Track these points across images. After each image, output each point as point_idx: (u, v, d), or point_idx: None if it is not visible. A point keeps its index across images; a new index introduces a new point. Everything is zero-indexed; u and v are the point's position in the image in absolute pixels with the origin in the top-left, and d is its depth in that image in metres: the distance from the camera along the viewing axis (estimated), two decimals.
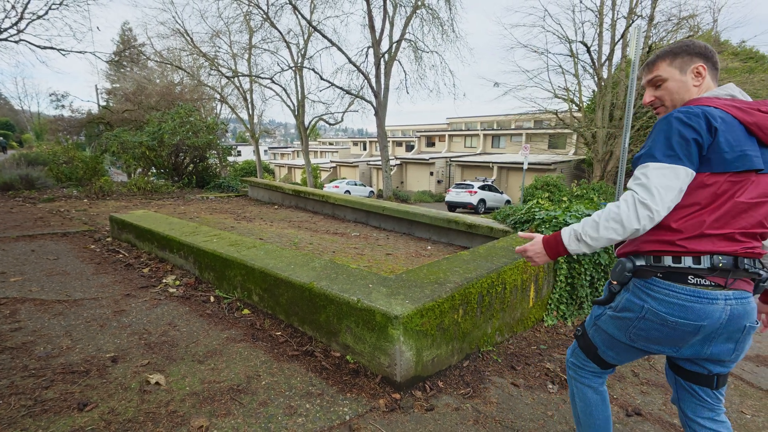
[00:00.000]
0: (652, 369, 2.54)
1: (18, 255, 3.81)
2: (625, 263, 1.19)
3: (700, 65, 1.20)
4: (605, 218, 1.09)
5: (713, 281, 1.09)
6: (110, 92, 22.37)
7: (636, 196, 1.06)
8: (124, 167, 12.55)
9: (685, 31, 14.86)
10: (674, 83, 1.22)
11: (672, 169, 1.06)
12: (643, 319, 1.15)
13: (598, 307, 1.30)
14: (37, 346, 2.15)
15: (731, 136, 1.06)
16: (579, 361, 1.39)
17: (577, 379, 1.40)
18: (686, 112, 1.09)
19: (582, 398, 1.39)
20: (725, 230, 1.08)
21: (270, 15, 19.86)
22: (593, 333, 1.31)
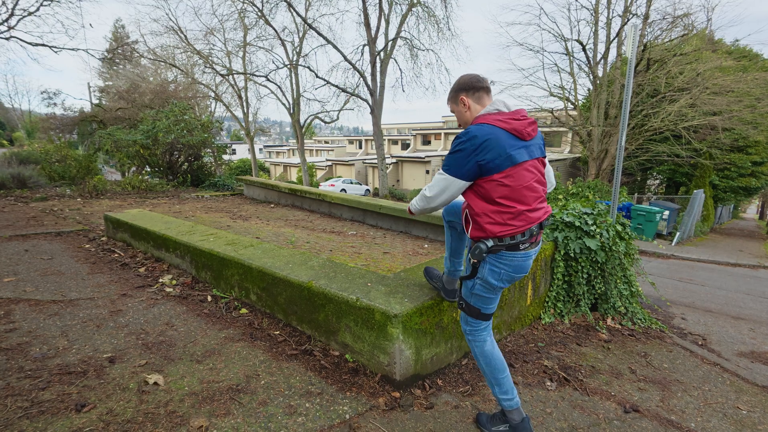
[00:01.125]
0: (649, 366, 2.56)
1: (11, 255, 3.76)
2: (481, 246, 1.61)
3: (461, 97, 1.70)
4: (412, 205, 1.80)
5: (530, 242, 1.63)
6: (103, 90, 22.14)
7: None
8: (118, 166, 12.43)
9: (680, 30, 14.94)
10: (456, 113, 1.76)
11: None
12: (504, 280, 1.66)
13: (470, 281, 1.72)
14: (33, 347, 2.13)
15: (493, 145, 1.52)
16: (472, 326, 1.79)
17: (476, 339, 1.78)
18: (459, 137, 1.57)
19: (482, 353, 1.76)
20: (517, 204, 1.60)
21: (265, 12, 19.74)
22: (474, 301, 1.74)
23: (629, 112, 14.07)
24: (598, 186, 14.91)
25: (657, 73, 14.90)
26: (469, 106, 1.69)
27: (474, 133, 1.52)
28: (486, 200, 1.58)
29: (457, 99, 1.72)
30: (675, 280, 6.65)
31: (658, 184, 23.29)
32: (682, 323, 3.68)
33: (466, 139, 1.52)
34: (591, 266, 3.14)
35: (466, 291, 1.74)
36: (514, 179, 1.54)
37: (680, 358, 2.74)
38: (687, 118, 14.88)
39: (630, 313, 3.25)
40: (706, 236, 15.17)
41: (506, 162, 1.51)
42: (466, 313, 1.77)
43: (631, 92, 5.76)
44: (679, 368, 2.58)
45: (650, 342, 2.96)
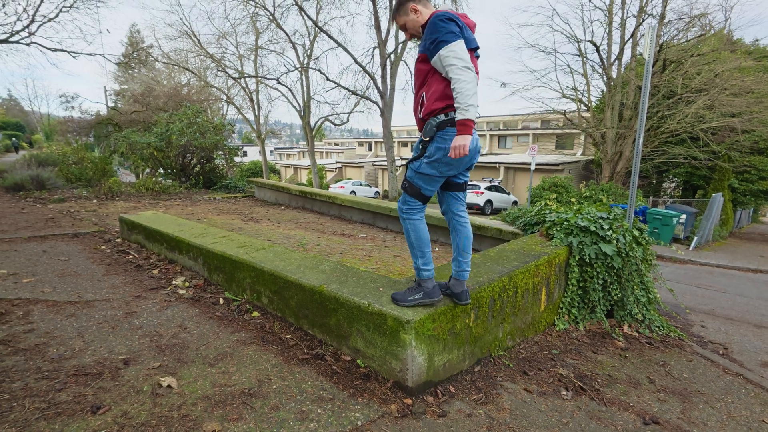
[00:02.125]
0: (669, 375, 2.49)
1: (30, 256, 3.85)
2: (432, 122, 1.89)
3: (412, 6, 1.95)
4: (463, 88, 1.75)
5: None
6: (119, 93, 22.60)
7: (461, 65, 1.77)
8: (133, 168, 12.66)
9: (697, 30, 14.65)
10: (409, 21, 1.98)
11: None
12: (448, 159, 1.89)
13: (417, 161, 1.97)
14: (50, 348, 2.16)
15: (466, 28, 1.88)
16: (409, 205, 2.04)
17: (410, 218, 2.05)
18: (442, 14, 1.82)
19: (415, 229, 2.06)
20: None
21: (276, 16, 19.94)
22: (417, 180, 1.98)
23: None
24: (612, 189, 14.67)
25: (673, 74, 14.62)
26: (420, 11, 1.93)
27: (446, 15, 1.79)
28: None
29: (407, 9, 1.94)
30: (693, 287, 6.49)
31: (674, 188, 22.81)
32: (701, 331, 3.58)
33: (447, 20, 1.78)
34: (607, 272, 3.07)
35: (411, 172, 1.99)
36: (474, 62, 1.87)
37: (701, 368, 2.66)
38: (705, 120, 14.55)
39: (647, 321, 3.17)
40: (725, 241, 14.78)
41: (472, 43, 1.86)
42: (408, 194, 2.02)
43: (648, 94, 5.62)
44: (700, 378, 2.51)
45: (669, 351, 2.88)
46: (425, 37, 1.85)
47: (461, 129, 1.76)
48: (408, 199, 2.03)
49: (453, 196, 2.12)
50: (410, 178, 2.00)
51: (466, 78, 1.72)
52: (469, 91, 1.72)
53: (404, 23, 1.97)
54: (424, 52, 1.87)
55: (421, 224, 2.06)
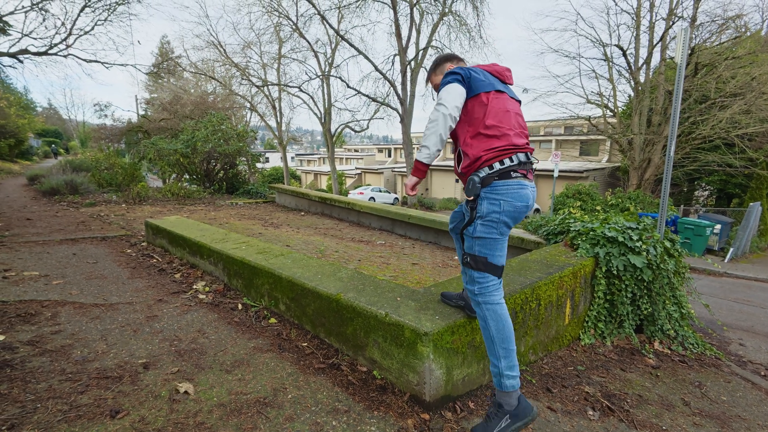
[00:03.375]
0: (705, 398, 2.33)
1: (61, 258, 3.99)
2: (474, 179, 1.65)
3: (447, 66, 1.93)
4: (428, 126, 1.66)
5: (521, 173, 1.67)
6: (149, 102, 23.52)
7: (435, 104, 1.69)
8: (160, 173, 13.09)
9: (731, 32, 14.03)
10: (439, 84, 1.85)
11: None
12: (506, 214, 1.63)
13: (470, 227, 1.68)
14: (75, 350, 2.21)
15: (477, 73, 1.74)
16: (481, 284, 1.66)
17: (486, 301, 1.65)
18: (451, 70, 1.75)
19: (495, 316, 1.64)
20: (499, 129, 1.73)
21: (299, 26, 20.36)
22: (478, 247, 1.66)
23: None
24: (640, 197, 14.15)
25: (706, 78, 14.03)
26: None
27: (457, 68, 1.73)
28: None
29: (443, 69, 1.91)
30: (730, 301, 6.13)
31: (707, 196, 21.82)
32: (740, 350, 3.36)
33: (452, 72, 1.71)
34: (636, 285, 2.92)
35: (469, 241, 1.68)
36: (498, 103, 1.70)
37: (740, 390, 2.48)
38: (741, 126, 13.87)
39: (680, 337, 2.99)
40: (763, 253, 13.97)
41: (489, 86, 1.71)
42: (473, 268, 1.67)
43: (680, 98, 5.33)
44: (740, 402, 2.34)
45: (705, 370, 2.70)
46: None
47: (414, 170, 1.70)
48: (477, 277, 1.65)
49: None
50: (470, 249, 1.68)
51: (434, 116, 1.62)
52: (428, 131, 1.63)
53: (438, 83, 1.86)
54: None
55: (501, 309, 1.64)
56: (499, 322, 1.62)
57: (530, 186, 1.68)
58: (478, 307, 1.67)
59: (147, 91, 28.39)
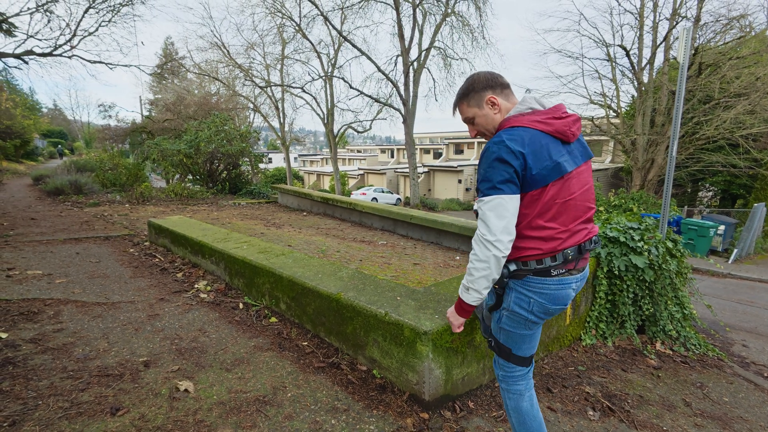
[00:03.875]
0: (706, 398, 2.32)
1: (64, 257, 4.02)
2: (504, 271, 1.35)
3: (489, 97, 1.38)
4: (473, 264, 1.29)
5: (567, 269, 1.34)
6: (153, 103, 23.65)
7: (479, 235, 1.28)
8: (163, 174, 13.16)
9: (736, 32, 13.96)
10: (480, 118, 1.41)
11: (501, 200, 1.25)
12: (528, 311, 1.36)
13: (496, 312, 1.45)
14: (77, 348, 2.23)
15: (537, 153, 1.25)
16: (506, 371, 1.48)
17: (509, 388, 1.47)
18: (498, 144, 1.25)
19: (516, 408, 1.46)
20: (560, 228, 1.33)
21: (302, 27, 20.43)
22: (503, 337, 1.45)
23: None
24: (643, 198, 14.08)
25: (710, 78, 13.96)
26: (500, 106, 1.38)
27: (504, 143, 1.24)
28: None
29: (482, 100, 1.38)
30: (733, 302, 6.09)
31: (711, 197, 21.69)
32: (743, 351, 3.33)
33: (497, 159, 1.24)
34: (638, 285, 2.91)
35: (494, 325, 1.46)
36: (560, 193, 1.29)
37: (743, 392, 2.47)
38: (745, 126, 13.79)
39: (682, 338, 2.98)
40: None
41: (554, 172, 1.26)
42: (497, 353, 1.48)
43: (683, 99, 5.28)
44: (742, 403, 2.32)
45: (707, 371, 2.69)
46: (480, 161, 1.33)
47: (456, 303, 1.40)
48: (501, 362, 1.48)
49: None
50: (495, 333, 1.48)
51: (478, 253, 1.26)
52: (474, 270, 1.28)
53: (473, 116, 1.42)
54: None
55: (527, 404, 1.44)
56: (522, 416, 1.44)
57: (574, 282, 1.36)
58: (502, 391, 1.51)
59: (151, 92, 28.59)
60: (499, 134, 1.29)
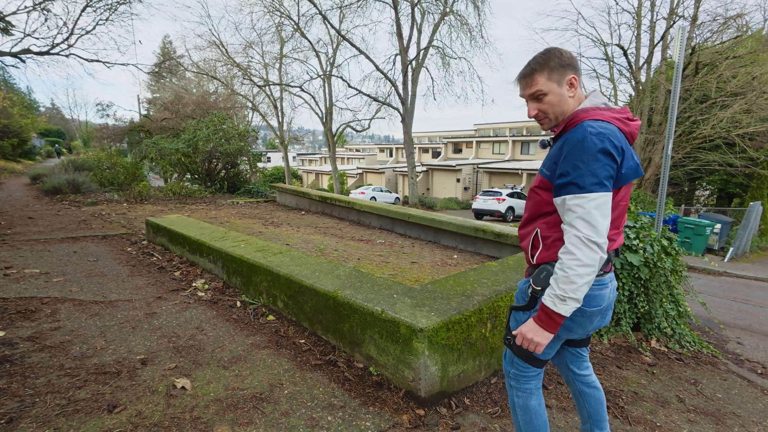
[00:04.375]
0: (700, 395, 2.34)
1: (61, 256, 4.02)
2: (549, 269, 1.25)
3: (572, 77, 1.27)
4: (575, 270, 1.13)
5: (604, 270, 1.30)
6: (150, 102, 23.60)
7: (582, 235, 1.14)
8: (162, 173, 13.14)
9: (732, 31, 14.00)
10: (554, 96, 1.27)
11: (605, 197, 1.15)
12: (573, 317, 1.28)
13: (522, 313, 1.35)
14: (74, 346, 2.23)
15: (629, 152, 1.20)
16: (519, 370, 1.41)
17: (520, 387, 1.42)
18: (599, 136, 1.16)
19: (523, 407, 1.41)
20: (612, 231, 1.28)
21: (300, 25, 20.39)
22: None
23: (676, 118, 13.25)
24: (640, 196, 14.12)
25: (707, 78, 14.00)
26: (576, 91, 1.28)
27: (604, 135, 1.16)
28: None
29: (564, 78, 1.26)
30: (728, 300, 6.13)
31: (707, 195, 21.78)
32: (737, 348, 3.36)
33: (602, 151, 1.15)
34: (633, 283, 2.93)
35: (517, 326, 1.35)
36: (625, 196, 1.26)
37: (736, 388, 2.49)
38: (741, 125, 13.84)
39: (677, 335, 3.00)
40: (764, 252, 13.94)
41: (634, 173, 1.21)
42: (514, 353, 1.38)
43: (678, 98, 5.32)
44: (736, 399, 2.34)
45: (701, 368, 2.71)
46: (558, 152, 1.24)
47: (542, 318, 1.19)
48: (516, 362, 1.40)
49: (572, 353, 1.52)
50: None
51: (582, 257, 1.12)
52: (577, 277, 1.12)
53: (547, 92, 1.27)
54: (547, 178, 1.28)
55: (533, 401, 1.40)
56: (529, 414, 1.39)
57: (611, 283, 1.33)
58: (510, 390, 1.44)
59: (149, 91, 28.51)
60: (590, 124, 1.18)
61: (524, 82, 1.31)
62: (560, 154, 1.22)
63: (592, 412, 1.53)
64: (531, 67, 1.29)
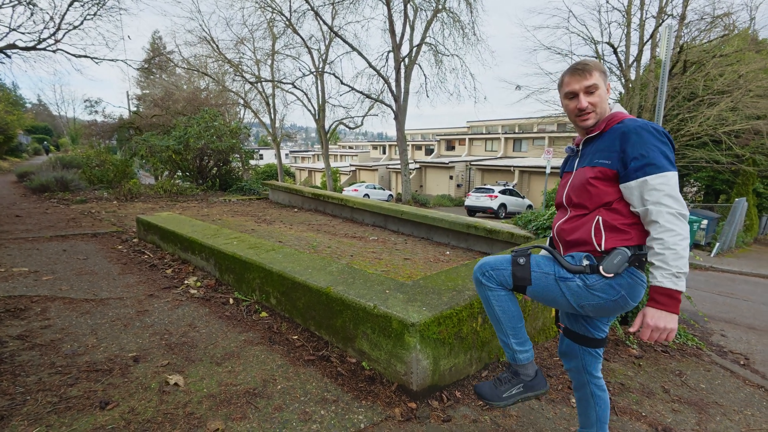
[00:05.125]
0: (684, 385, 2.41)
1: (51, 254, 3.98)
2: (626, 253, 1.27)
3: (609, 83, 1.43)
4: (681, 245, 1.19)
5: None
6: (140, 98, 23.28)
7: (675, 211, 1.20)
8: (152, 170, 13.01)
9: (720, 30, 14.21)
10: (603, 93, 1.40)
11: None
12: (611, 302, 1.30)
13: (562, 268, 1.35)
14: (65, 344, 2.22)
15: None
16: (498, 277, 1.42)
17: (490, 287, 1.45)
18: (656, 126, 1.30)
19: (498, 299, 1.45)
20: None
21: (293, 21, 20.24)
22: (541, 278, 1.37)
23: (664, 116, 13.52)
24: None
25: (694, 76, 14.21)
26: (609, 95, 1.44)
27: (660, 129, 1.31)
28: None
29: (606, 81, 1.41)
30: (714, 294, 6.27)
31: (695, 192, 22.15)
32: (721, 340, 3.45)
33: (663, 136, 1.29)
34: None
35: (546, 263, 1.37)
36: None
37: (719, 379, 2.56)
38: (728, 123, 14.09)
39: None
40: (748, 247, 14.25)
41: None
42: (513, 269, 1.39)
43: (667, 96, 5.32)
44: (718, 389, 2.41)
45: (686, 360, 2.78)
46: (614, 143, 1.32)
47: (664, 302, 1.19)
48: (505, 274, 1.41)
49: (590, 353, 1.52)
50: (536, 267, 1.38)
51: (683, 231, 1.18)
52: (684, 251, 1.17)
53: (599, 88, 1.38)
54: (608, 166, 1.32)
55: (508, 297, 1.46)
56: (503, 303, 1.45)
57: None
58: (480, 287, 1.48)
59: (138, 87, 28.08)
60: (642, 120, 1.32)
61: (582, 74, 1.38)
62: (621, 143, 1.30)
63: (602, 415, 1.55)
64: (587, 63, 1.40)
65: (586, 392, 1.56)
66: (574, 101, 1.41)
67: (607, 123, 1.38)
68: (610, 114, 1.41)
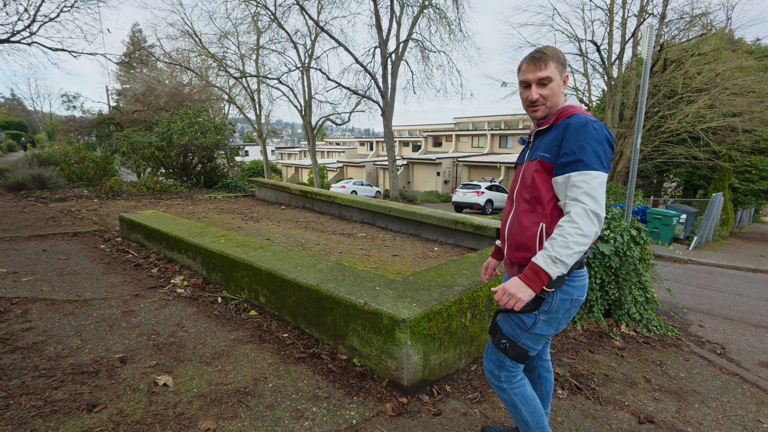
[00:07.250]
0: (665, 375, 2.49)
1: (30, 255, 3.86)
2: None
3: (566, 75, 1.39)
4: (574, 238, 1.19)
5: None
6: (120, 93, 22.64)
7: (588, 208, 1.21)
8: (134, 167, 12.69)
9: (698, 29, 14.60)
10: (556, 86, 1.36)
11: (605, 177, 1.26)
12: (571, 305, 1.35)
13: (526, 316, 1.35)
14: (48, 346, 2.17)
15: None
16: (510, 371, 1.43)
17: (512, 388, 1.45)
18: (599, 125, 1.29)
19: (524, 399, 1.45)
20: None
21: (277, 16, 19.94)
22: (525, 340, 1.38)
23: (645, 113, 13.83)
24: (612, 189, 14.64)
25: (674, 74, 14.58)
26: (564, 89, 1.41)
27: (603, 127, 1.31)
28: None
29: (563, 74, 1.37)
30: (692, 286, 6.48)
31: (675, 187, 22.79)
32: (699, 331, 3.57)
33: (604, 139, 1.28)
34: (604, 271, 3.07)
35: (518, 330, 1.37)
36: None
37: (697, 368, 2.66)
38: (705, 120, 14.52)
39: (645, 320, 3.17)
40: (725, 241, 14.76)
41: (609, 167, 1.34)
42: (509, 356, 1.40)
43: (647, 93, 5.49)
44: (697, 378, 2.51)
45: (666, 350, 2.88)
46: (559, 138, 1.31)
47: (529, 275, 1.23)
48: (508, 364, 1.42)
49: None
50: (514, 338, 1.39)
51: (585, 228, 1.19)
52: (574, 244, 1.18)
53: (552, 79, 1.34)
54: (548, 160, 1.32)
55: (527, 389, 1.46)
56: (528, 402, 1.44)
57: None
58: (503, 393, 1.46)
59: (118, 82, 27.32)
60: (588, 118, 1.29)
61: (537, 65, 1.33)
62: (561, 138, 1.30)
63: (546, 394, 1.66)
64: (545, 53, 1.34)
65: (534, 374, 1.66)
66: (527, 91, 1.38)
67: (557, 117, 1.36)
68: (561, 107, 1.38)
